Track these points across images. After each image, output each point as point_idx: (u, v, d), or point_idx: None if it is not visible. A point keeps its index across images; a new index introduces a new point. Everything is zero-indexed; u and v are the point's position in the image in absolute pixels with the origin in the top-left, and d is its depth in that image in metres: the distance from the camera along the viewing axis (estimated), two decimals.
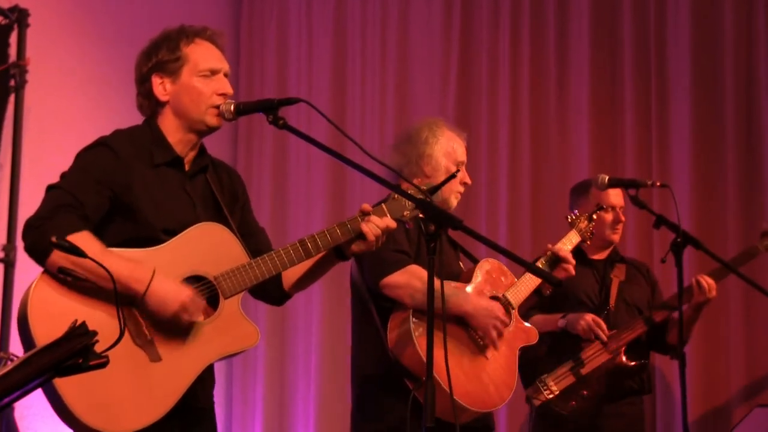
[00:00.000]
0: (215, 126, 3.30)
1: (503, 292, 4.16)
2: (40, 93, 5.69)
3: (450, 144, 4.25)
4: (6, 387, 1.90)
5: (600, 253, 5.19)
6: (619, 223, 5.12)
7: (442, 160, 4.21)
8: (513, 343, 4.14)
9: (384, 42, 6.83)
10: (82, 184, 3.14)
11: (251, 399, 6.75)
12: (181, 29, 3.34)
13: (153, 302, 3.04)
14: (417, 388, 3.84)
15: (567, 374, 4.71)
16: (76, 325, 1.94)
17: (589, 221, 4.54)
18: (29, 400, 2.39)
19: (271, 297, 3.49)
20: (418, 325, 3.88)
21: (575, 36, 6.43)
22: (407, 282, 3.94)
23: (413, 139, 4.26)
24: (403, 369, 3.88)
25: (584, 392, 4.73)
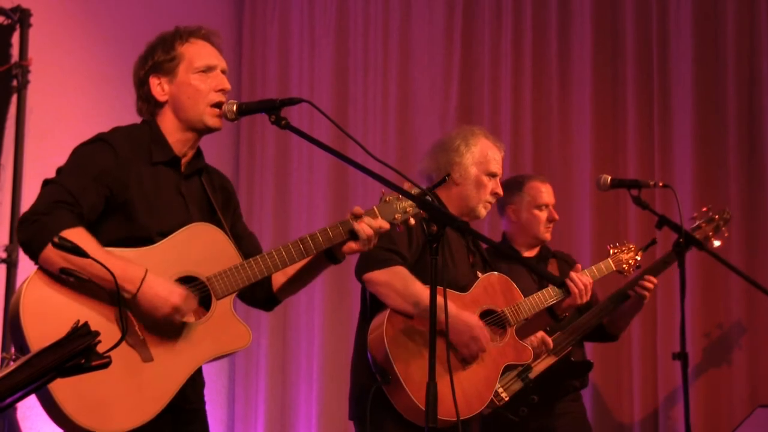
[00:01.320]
0: (215, 127, 3.30)
1: (503, 308, 4.15)
2: (42, 93, 5.70)
3: (482, 154, 4.25)
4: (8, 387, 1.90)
5: (530, 250, 5.17)
6: (552, 221, 5.11)
7: (471, 169, 4.21)
8: (498, 359, 4.10)
9: (386, 42, 6.83)
10: (79, 180, 3.14)
11: (253, 399, 6.75)
12: (175, 30, 3.36)
13: (144, 302, 3.04)
14: (384, 383, 3.87)
15: (515, 380, 4.70)
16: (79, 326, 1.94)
17: (635, 253, 4.56)
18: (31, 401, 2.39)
19: (260, 301, 3.48)
20: (391, 325, 3.90)
21: (577, 36, 6.43)
22: (387, 281, 3.95)
23: (446, 146, 4.27)
24: (375, 364, 3.90)
25: (534, 397, 4.72)
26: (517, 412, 4.66)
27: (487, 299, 4.13)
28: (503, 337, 4.11)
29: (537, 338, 4.70)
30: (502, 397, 4.63)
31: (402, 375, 3.83)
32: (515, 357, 4.17)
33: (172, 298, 3.05)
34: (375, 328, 3.96)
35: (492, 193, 4.25)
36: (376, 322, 3.96)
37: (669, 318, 5.77)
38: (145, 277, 3.03)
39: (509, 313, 4.13)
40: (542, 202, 5.07)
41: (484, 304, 4.12)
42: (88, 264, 2.93)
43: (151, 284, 3.04)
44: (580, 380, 5.01)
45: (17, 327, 2.96)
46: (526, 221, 5.09)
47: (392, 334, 3.88)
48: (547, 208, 5.09)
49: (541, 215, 5.08)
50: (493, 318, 4.12)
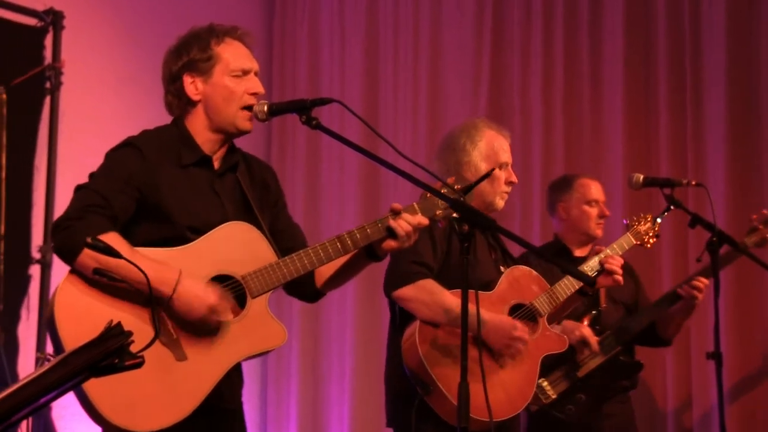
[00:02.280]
0: (246, 130, 3.30)
1: (531, 300, 4.13)
2: (75, 95, 5.74)
3: (490, 147, 4.22)
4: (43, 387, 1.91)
5: (582, 249, 5.16)
6: (603, 217, 5.10)
7: (481, 165, 4.17)
8: (535, 352, 4.08)
9: (416, 41, 6.83)
10: (110, 184, 3.15)
11: (285, 400, 6.76)
12: (210, 28, 3.34)
13: (180, 304, 3.04)
14: (425, 394, 3.86)
15: (563, 378, 4.68)
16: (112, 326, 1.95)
17: (653, 223, 4.51)
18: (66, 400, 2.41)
19: (304, 294, 3.47)
20: (423, 335, 3.90)
21: (609, 34, 6.40)
22: (415, 296, 3.95)
23: (452, 146, 4.23)
24: (412, 375, 3.90)
25: (581, 396, 4.70)
26: (564, 410, 4.65)
27: (513, 294, 4.12)
28: (536, 330, 4.09)
29: (577, 338, 4.70)
30: (550, 395, 4.63)
31: (443, 384, 3.82)
32: (551, 347, 4.14)
33: (208, 299, 3.06)
34: (408, 340, 3.95)
35: (507, 182, 4.22)
36: (408, 333, 3.96)
37: (703, 317, 5.73)
38: (180, 279, 3.04)
39: (538, 304, 4.11)
40: (592, 198, 5.09)
41: (512, 300, 4.10)
42: (122, 266, 2.94)
43: (186, 286, 3.04)
44: (630, 381, 4.98)
45: (53, 328, 2.99)
46: (576, 218, 5.11)
47: (426, 344, 3.89)
48: (597, 204, 5.11)
49: (592, 211, 5.10)
50: (522, 312, 4.09)
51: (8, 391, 1.91)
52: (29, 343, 5.42)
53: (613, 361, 4.79)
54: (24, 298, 5.47)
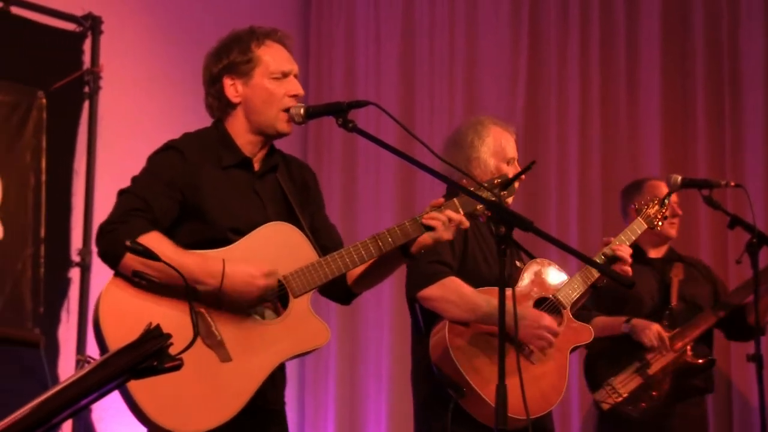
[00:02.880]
0: (285, 132, 3.31)
1: (553, 293, 4.10)
2: (113, 99, 5.78)
3: (497, 142, 4.16)
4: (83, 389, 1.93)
5: (657, 250, 5.14)
6: (675, 216, 5.07)
7: (490, 161, 4.12)
8: (563, 345, 4.04)
9: (452, 43, 6.82)
10: (152, 187, 3.17)
11: (323, 401, 6.77)
12: (251, 30, 3.35)
13: (231, 291, 3.06)
14: (459, 397, 3.82)
15: (633, 376, 4.67)
16: (151, 328, 1.96)
17: (661, 206, 4.46)
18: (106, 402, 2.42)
19: (338, 295, 3.47)
20: (453, 335, 3.85)
21: (646, 35, 6.36)
22: (442, 295, 3.90)
23: (459, 144, 4.18)
24: (444, 378, 3.87)
25: (653, 393, 4.69)
26: (635, 408, 4.64)
27: (536, 288, 4.09)
28: (561, 322, 4.05)
29: (654, 334, 4.69)
30: (620, 393, 4.61)
31: (477, 385, 3.80)
32: (577, 339, 4.10)
33: (256, 281, 3.07)
34: (436, 341, 3.91)
35: None
36: (437, 334, 3.91)
37: None
38: (225, 267, 3.06)
39: (561, 296, 4.07)
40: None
41: (534, 294, 4.07)
42: (164, 266, 2.96)
43: (233, 272, 3.06)
44: (704, 381, 4.95)
45: (98, 330, 3.01)
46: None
47: (456, 344, 3.84)
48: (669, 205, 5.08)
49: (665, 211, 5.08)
50: (546, 306, 4.06)
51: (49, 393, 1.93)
52: (69, 346, 5.46)
53: (683, 359, 4.78)
54: (64, 301, 5.52)
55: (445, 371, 3.86)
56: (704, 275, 5.18)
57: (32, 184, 5.43)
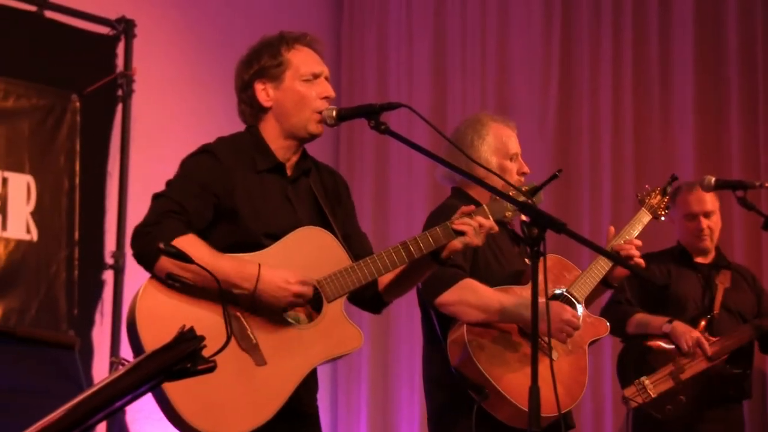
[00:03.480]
0: (317, 133, 3.31)
1: (566, 288, 4.07)
2: (146, 102, 5.81)
3: (498, 140, 4.09)
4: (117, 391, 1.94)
5: (704, 257, 5.12)
6: (700, 231, 5.03)
7: (492, 159, 4.05)
8: (581, 340, 4.00)
9: (484, 45, 6.81)
10: (187, 191, 3.18)
11: (356, 404, 6.78)
12: (280, 36, 3.37)
13: (265, 295, 3.06)
14: (482, 400, 3.79)
15: (666, 378, 4.65)
16: (184, 330, 1.97)
17: (663, 194, 4.42)
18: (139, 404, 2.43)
19: (368, 304, 3.47)
20: (472, 335, 3.81)
21: (679, 34, 6.33)
22: (460, 299, 3.84)
23: (459, 143, 4.06)
24: (465, 381, 3.83)
25: (682, 398, 4.66)
26: (662, 409, 4.61)
27: (549, 284, 4.05)
28: None
29: (693, 340, 4.66)
30: (650, 394, 4.59)
31: (500, 385, 3.76)
32: (594, 332, 4.06)
33: (291, 287, 3.07)
34: (455, 344, 3.87)
35: (519, 173, 4.09)
36: (456, 337, 3.87)
37: None
38: (260, 271, 3.06)
39: (575, 291, 4.03)
40: (689, 212, 5.06)
41: (549, 290, 4.04)
42: (198, 269, 2.97)
43: (267, 277, 3.06)
44: (737, 390, 4.92)
45: (134, 332, 3.02)
46: (681, 232, 5.12)
47: (476, 345, 3.80)
48: (695, 218, 5.06)
49: (690, 225, 5.06)
50: (562, 300, 4.03)
51: (84, 395, 1.94)
52: (103, 348, 5.49)
53: (718, 368, 4.75)
54: (98, 303, 5.55)
55: (465, 373, 3.82)
56: (750, 284, 5.14)
57: (66, 186, 5.47)
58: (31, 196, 5.33)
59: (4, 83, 5.26)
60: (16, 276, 5.22)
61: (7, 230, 5.21)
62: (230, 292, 3.04)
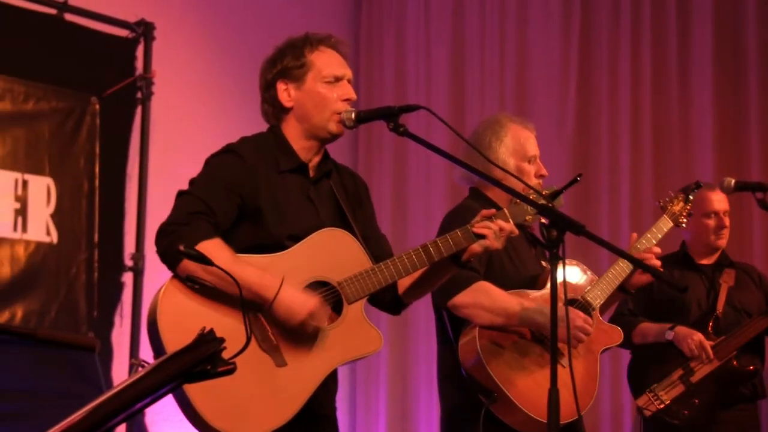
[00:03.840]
0: (337, 133, 3.32)
1: (582, 294, 4.05)
2: (166, 104, 5.82)
3: (516, 141, 4.06)
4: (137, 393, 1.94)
5: (708, 258, 5.10)
6: (723, 228, 5.01)
7: (510, 161, 4.02)
8: (593, 347, 3.98)
9: (502, 47, 6.81)
10: (212, 190, 3.18)
11: (374, 405, 6.78)
12: (305, 37, 3.37)
13: (281, 310, 3.07)
14: (490, 403, 3.78)
15: (677, 383, 4.63)
16: (205, 332, 1.97)
17: (685, 202, 4.40)
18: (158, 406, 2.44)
19: (388, 305, 3.47)
20: (483, 339, 3.79)
21: (698, 36, 6.31)
22: (474, 301, 3.82)
23: (478, 146, 4.00)
24: (475, 384, 3.83)
25: (695, 401, 4.65)
26: (677, 415, 4.60)
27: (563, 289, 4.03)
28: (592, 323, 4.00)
29: (695, 343, 4.64)
30: (663, 400, 4.57)
31: (510, 390, 3.74)
32: (607, 340, 4.03)
33: (308, 306, 3.08)
34: (466, 347, 3.85)
35: (537, 176, 4.06)
36: (466, 339, 3.86)
37: None
38: (282, 285, 3.07)
39: (590, 297, 4.01)
40: (710, 210, 5.01)
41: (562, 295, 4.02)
42: (220, 272, 2.97)
43: (287, 293, 3.07)
44: (751, 388, 4.90)
45: (155, 333, 3.03)
46: (696, 230, 5.04)
47: (487, 348, 3.78)
48: (717, 216, 5.02)
49: (710, 223, 5.02)
50: (576, 306, 4.02)
51: (105, 397, 1.94)
52: (122, 349, 5.51)
53: (727, 367, 4.73)
54: (117, 305, 5.56)
55: (475, 376, 3.81)
56: (756, 282, 5.11)
57: (86, 189, 5.49)
58: (51, 199, 5.35)
59: (24, 86, 5.29)
60: (36, 278, 5.24)
61: (28, 232, 5.23)
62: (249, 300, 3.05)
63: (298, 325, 3.08)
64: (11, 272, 5.15)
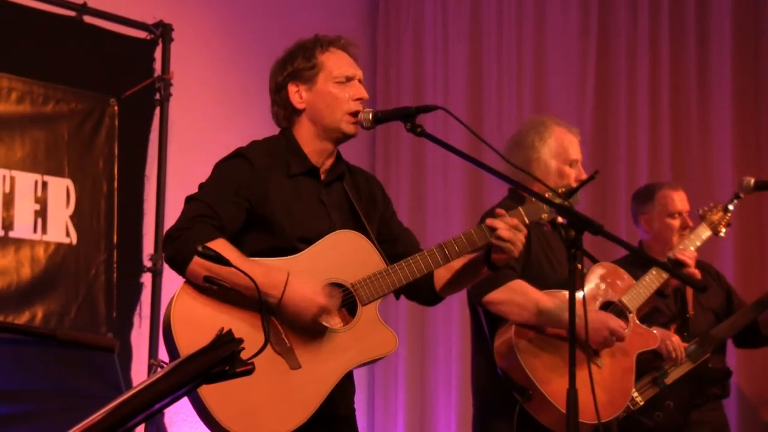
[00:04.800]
0: (351, 134, 3.32)
1: (619, 297, 4.05)
2: (184, 106, 5.84)
3: (559, 144, 4.11)
4: (156, 394, 1.95)
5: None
6: (686, 228, 4.96)
7: (551, 163, 4.08)
8: (631, 350, 4.02)
9: (520, 47, 6.79)
10: (219, 195, 3.19)
11: (392, 406, 6.78)
12: (315, 39, 3.38)
13: (290, 305, 3.07)
14: (524, 401, 3.79)
15: (650, 385, 4.61)
16: (223, 333, 1.98)
17: (724, 212, 4.38)
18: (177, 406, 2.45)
19: (423, 298, 3.48)
20: (520, 338, 3.83)
21: (716, 34, 6.29)
22: (508, 298, 3.87)
23: (520, 144, 4.13)
24: (510, 382, 3.84)
25: (670, 402, 4.63)
26: (651, 416, 4.59)
27: (601, 291, 4.05)
28: (627, 327, 4.01)
29: (673, 344, 4.63)
30: (637, 402, 4.56)
31: (545, 389, 3.76)
32: (643, 344, 4.07)
33: (316, 298, 3.08)
34: (502, 345, 3.89)
35: (576, 180, 4.08)
36: (503, 338, 3.89)
37: None
38: (288, 280, 3.07)
39: (627, 301, 4.04)
40: (674, 210, 4.95)
41: (601, 297, 4.04)
42: (231, 273, 2.97)
43: (295, 287, 3.06)
44: (721, 388, 4.89)
45: (169, 337, 3.04)
46: (658, 230, 4.97)
47: (523, 347, 3.82)
48: (681, 216, 4.95)
49: (674, 223, 4.94)
50: (611, 310, 4.03)
51: (124, 397, 1.95)
52: (142, 350, 5.52)
53: (702, 368, 4.71)
54: (136, 306, 5.58)
55: (510, 374, 3.84)
56: (716, 280, 5.07)
57: (105, 190, 5.50)
58: (71, 200, 5.37)
59: (44, 88, 5.31)
60: (55, 279, 5.26)
61: (48, 234, 5.25)
62: None
63: (310, 319, 3.08)
64: (31, 273, 5.17)
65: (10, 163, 5.15)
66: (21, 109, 5.22)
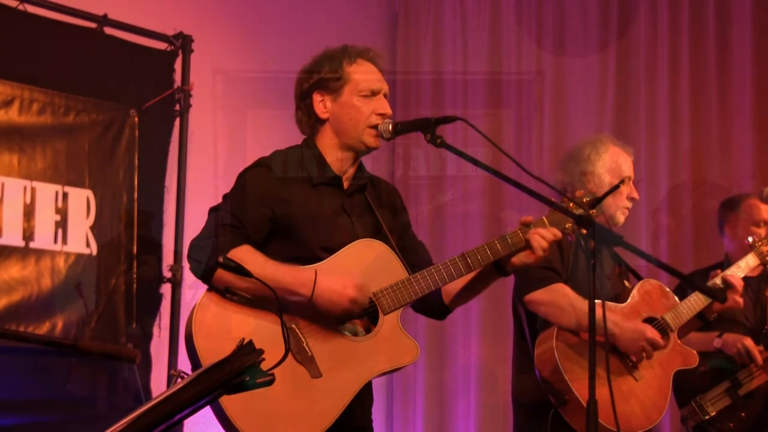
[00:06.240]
0: (373, 146, 3.33)
1: (662, 314, 4.09)
2: (203, 116, 5.85)
3: (614, 160, 4.21)
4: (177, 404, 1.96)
5: (753, 270, 5.04)
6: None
7: (605, 177, 4.16)
8: (668, 366, 4.06)
9: (539, 57, 6.79)
10: (243, 204, 3.21)
11: (411, 417, 6.76)
12: (344, 49, 3.38)
13: (322, 301, 3.08)
14: (559, 405, 3.81)
15: (723, 395, 4.60)
16: (244, 344, 1.99)
17: None
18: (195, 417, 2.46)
19: (432, 311, 3.49)
20: (561, 342, 3.85)
21: (737, 43, 6.27)
22: (551, 300, 3.92)
23: (576, 157, 4.23)
24: (547, 385, 3.85)
25: (742, 414, 4.61)
26: (723, 427, 4.58)
27: (645, 307, 4.09)
28: (667, 344, 4.05)
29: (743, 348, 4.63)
30: (708, 412, 4.56)
31: (581, 395, 3.78)
32: (683, 362, 4.12)
33: (347, 291, 3.08)
34: (543, 348, 3.92)
35: (628, 198, 4.19)
36: (543, 341, 3.93)
37: None
38: (317, 277, 3.07)
39: (669, 319, 4.07)
40: (760, 219, 4.96)
41: (644, 312, 4.08)
42: (255, 281, 2.98)
43: (324, 282, 3.08)
44: None
45: (191, 346, 3.05)
46: (742, 238, 4.98)
47: (563, 352, 3.85)
48: (766, 225, 4.96)
49: (760, 232, 4.96)
50: (654, 326, 4.05)
51: (145, 408, 1.96)
52: (161, 360, 5.53)
53: None
54: (156, 317, 5.59)
55: (548, 378, 3.87)
56: None
57: (125, 201, 5.52)
58: (91, 211, 5.39)
59: (65, 99, 5.33)
60: (75, 290, 5.27)
61: (68, 244, 5.26)
62: (288, 301, 3.05)
63: (342, 313, 3.08)
64: (52, 284, 5.19)
65: (31, 173, 5.17)
66: (42, 120, 5.24)
